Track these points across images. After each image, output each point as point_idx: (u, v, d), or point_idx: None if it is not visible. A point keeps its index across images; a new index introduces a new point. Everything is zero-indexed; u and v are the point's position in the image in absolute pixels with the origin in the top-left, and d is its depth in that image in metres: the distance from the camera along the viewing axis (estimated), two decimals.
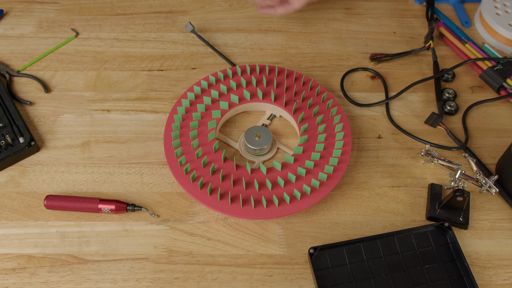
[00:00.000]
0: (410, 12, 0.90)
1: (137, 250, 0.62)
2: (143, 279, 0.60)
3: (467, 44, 0.83)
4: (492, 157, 0.72)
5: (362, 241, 0.61)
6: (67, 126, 0.73)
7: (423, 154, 0.69)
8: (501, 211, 0.66)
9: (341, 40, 0.85)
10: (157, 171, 0.69)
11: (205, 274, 0.60)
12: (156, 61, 0.81)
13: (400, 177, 0.69)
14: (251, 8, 0.89)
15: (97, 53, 0.82)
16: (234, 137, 0.73)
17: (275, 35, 0.86)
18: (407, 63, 0.82)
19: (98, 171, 0.68)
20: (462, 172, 0.64)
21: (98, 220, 0.64)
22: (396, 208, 0.66)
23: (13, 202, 0.66)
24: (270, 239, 0.63)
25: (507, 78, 0.77)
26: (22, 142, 0.69)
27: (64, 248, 0.62)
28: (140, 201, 0.66)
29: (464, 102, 0.77)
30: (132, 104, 0.76)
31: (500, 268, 0.62)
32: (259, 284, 0.60)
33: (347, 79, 0.80)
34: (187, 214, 0.65)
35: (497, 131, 0.74)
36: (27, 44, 0.83)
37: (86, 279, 0.60)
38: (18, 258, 0.61)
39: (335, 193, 0.67)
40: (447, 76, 0.80)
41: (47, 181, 0.67)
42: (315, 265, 0.59)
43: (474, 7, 0.91)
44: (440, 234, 0.62)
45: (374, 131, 0.74)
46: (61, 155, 0.70)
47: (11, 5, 0.88)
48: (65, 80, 0.78)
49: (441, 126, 0.73)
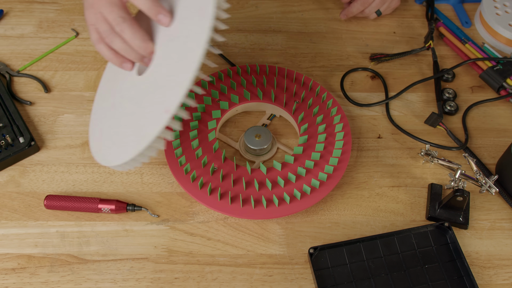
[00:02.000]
0: (410, 12, 0.90)
1: (137, 250, 0.62)
2: (143, 279, 0.60)
3: (467, 44, 0.83)
4: (492, 157, 0.72)
5: (362, 241, 0.61)
6: (67, 126, 0.73)
7: (423, 154, 0.69)
8: (501, 211, 0.66)
9: (341, 40, 0.85)
10: (157, 171, 0.69)
11: (205, 274, 0.60)
12: None
13: (400, 177, 0.69)
14: (251, 8, 0.90)
15: (97, 53, 0.82)
16: (234, 137, 0.73)
17: (275, 35, 0.86)
18: (407, 63, 0.82)
19: (98, 171, 0.68)
20: (462, 172, 0.64)
21: (98, 220, 0.64)
22: (396, 208, 0.66)
23: (13, 202, 0.66)
24: (270, 239, 0.63)
25: (507, 78, 0.77)
26: (22, 142, 0.69)
27: (64, 248, 0.62)
28: (140, 201, 0.66)
29: (464, 102, 0.77)
30: None
31: (500, 268, 0.62)
32: (259, 284, 0.60)
33: (347, 79, 0.80)
34: (187, 214, 0.65)
35: (497, 131, 0.74)
36: (27, 44, 0.83)
37: (86, 279, 0.60)
38: (18, 258, 0.61)
39: (335, 193, 0.67)
40: (447, 76, 0.80)
41: (47, 181, 0.67)
42: (315, 265, 0.59)
43: (474, 7, 0.91)
44: (440, 234, 0.62)
45: (374, 131, 0.74)
46: (61, 155, 0.70)
47: (11, 5, 0.88)
48: (65, 80, 0.78)
49: (441, 126, 0.73)
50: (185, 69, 0.50)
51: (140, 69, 0.59)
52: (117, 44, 0.57)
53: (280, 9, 0.90)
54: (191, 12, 0.52)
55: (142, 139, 0.51)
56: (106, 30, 0.56)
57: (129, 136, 0.54)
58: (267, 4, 0.90)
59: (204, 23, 0.50)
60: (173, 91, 0.50)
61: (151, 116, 0.52)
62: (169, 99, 0.50)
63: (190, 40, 0.51)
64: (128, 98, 0.58)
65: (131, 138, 0.53)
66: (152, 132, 0.51)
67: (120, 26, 0.55)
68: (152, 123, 0.51)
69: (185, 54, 0.51)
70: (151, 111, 0.52)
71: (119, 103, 0.60)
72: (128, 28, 0.55)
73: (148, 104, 0.54)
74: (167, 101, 0.50)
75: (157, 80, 0.54)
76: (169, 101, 0.50)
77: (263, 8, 0.90)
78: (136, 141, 0.52)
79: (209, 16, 0.49)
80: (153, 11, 0.55)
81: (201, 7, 0.51)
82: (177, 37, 0.54)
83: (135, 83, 0.58)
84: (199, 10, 0.51)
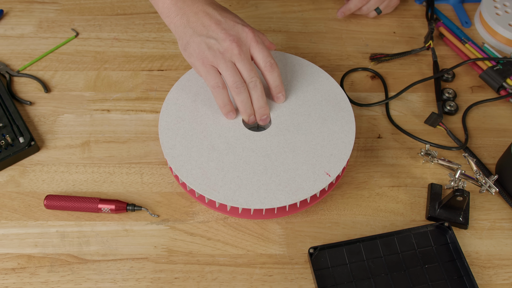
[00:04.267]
0: (410, 12, 0.90)
1: (137, 250, 0.62)
2: (143, 279, 0.60)
3: (467, 44, 0.83)
4: (492, 157, 0.72)
5: (362, 241, 0.61)
6: (67, 126, 0.73)
7: (423, 154, 0.69)
8: (501, 211, 0.66)
9: (341, 40, 0.85)
10: (157, 171, 0.69)
11: (205, 274, 0.60)
12: (156, 61, 0.81)
13: (400, 177, 0.69)
14: (251, 8, 0.90)
15: (97, 53, 0.82)
16: None
17: (275, 35, 0.86)
18: (407, 63, 0.82)
19: (98, 171, 0.68)
20: (462, 172, 0.64)
21: (98, 220, 0.64)
22: (396, 208, 0.66)
23: (13, 202, 0.66)
24: (270, 239, 0.63)
25: (507, 78, 0.77)
26: (22, 142, 0.69)
27: (64, 248, 0.62)
28: (140, 201, 0.66)
29: (464, 102, 0.77)
30: (132, 104, 0.76)
31: (500, 268, 0.62)
32: (259, 284, 0.60)
33: (347, 79, 0.80)
34: (187, 214, 0.65)
35: (497, 131, 0.74)
36: (27, 44, 0.83)
37: (86, 279, 0.60)
38: (18, 258, 0.61)
39: (335, 193, 0.67)
40: (447, 76, 0.80)
41: (47, 181, 0.67)
42: (315, 265, 0.59)
43: (474, 7, 0.91)
44: (440, 234, 0.62)
45: (374, 131, 0.74)
46: (61, 155, 0.70)
47: (11, 5, 0.88)
48: (65, 80, 0.78)
49: (441, 126, 0.73)
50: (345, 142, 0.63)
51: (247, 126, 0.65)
52: (242, 97, 0.62)
53: (280, 9, 0.90)
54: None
55: (296, 192, 0.59)
56: (239, 82, 0.61)
57: (270, 186, 0.59)
58: (267, 4, 0.90)
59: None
60: (337, 159, 0.61)
61: (308, 175, 0.60)
62: (333, 166, 0.61)
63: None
64: (251, 149, 0.62)
65: (279, 188, 0.59)
66: (311, 189, 0.59)
67: (255, 84, 0.61)
68: (311, 181, 0.59)
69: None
70: (307, 171, 0.60)
71: (233, 150, 0.62)
72: (260, 88, 0.62)
73: (302, 164, 0.61)
74: (330, 166, 0.61)
75: (314, 147, 0.62)
76: (333, 167, 0.61)
77: (263, 8, 0.90)
78: (287, 192, 0.59)
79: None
80: (279, 89, 0.64)
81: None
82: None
83: (264, 140, 0.63)
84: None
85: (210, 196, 0.58)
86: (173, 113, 0.65)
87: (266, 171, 0.60)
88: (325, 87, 0.68)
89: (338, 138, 0.63)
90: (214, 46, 0.60)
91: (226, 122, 0.64)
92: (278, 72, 0.63)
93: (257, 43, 0.62)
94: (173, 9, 0.62)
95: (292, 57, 0.72)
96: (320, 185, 0.59)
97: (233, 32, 0.61)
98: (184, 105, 0.66)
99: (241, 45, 0.60)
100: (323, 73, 0.70)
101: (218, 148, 0.62)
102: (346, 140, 0.63)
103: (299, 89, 0.68)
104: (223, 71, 0.61)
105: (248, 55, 0.62)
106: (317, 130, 0.64)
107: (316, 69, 0.70)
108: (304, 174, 0.60)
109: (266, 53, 0.62)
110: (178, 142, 0.62)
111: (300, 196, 0.58)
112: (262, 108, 0.63)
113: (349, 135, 0.63)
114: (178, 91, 0.67)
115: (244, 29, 0.62)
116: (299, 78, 0.69)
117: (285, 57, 0.71)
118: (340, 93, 0.68)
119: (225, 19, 0.62)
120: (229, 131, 0.63)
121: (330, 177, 0.60)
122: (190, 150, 0.62)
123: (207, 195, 0.58)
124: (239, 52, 0.60)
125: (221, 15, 0.62)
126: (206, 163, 0.60)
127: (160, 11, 0.64)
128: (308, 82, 0.69)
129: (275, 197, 0.58)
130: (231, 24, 0.61)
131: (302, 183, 0.59)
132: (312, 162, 0.61)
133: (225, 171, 0.60)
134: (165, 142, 0.62)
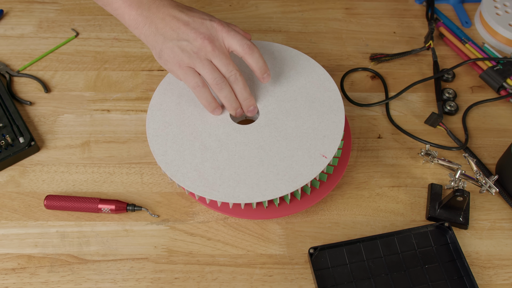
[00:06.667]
0: (410, 12, 0.90)
1: (137, 250, 0.62)
2: (143, 279, 0.60)
3: (467, 44, 0.83)
4: (492, 157, 0.72)
5: (362, 241, 0.61)
6: (67, 126, 0.73)
7: (423, 154, 0.69)
8: (501, 211, 0.66)
9: (341, 40, 0.85)
10: (157, 171, 0.69)
11: (205, 274, 0.60)
12: (156, 61, 0.81)
13: (400, 177, 0.69)
14: (251, 8, 0.90)
15: (97, 53, 0.82)
16: None
17: (275, 35, 0.86)
18: (407, 63, 0.82)
19: (98, 171, 0.68)
20: (462, 172, 0.64)
21: (98, 220, 0.64)
22: (396, 208, 0.66)
23: (13, 202, 0.66)
24: (270, 239, 0.63)
25: (507, 78, 0.77)
26: (22, 142, 0.69)
27: (64, 248, 0.62)
28: (140, 201, 0.66)
29: (464, 102, 0.77)
30: (132, 104, 0.76)
31: (500, 268, 0.62)
32: (259, 284, 0.60)
33: (347, 79, 0.80)
34: (187, 214, 0.65)
35: (497, 131, 0.74)
36: (27, 44, 0.83)
37: (86, 279, 0.60)
38: (18, 258, 0.61)
39: (335, 193, 0.67)
40: (447, 76, 0.80)
41: (47, 181, 0.67)
42: (315, 265, 0.59)
43: (474, 7, 0.91)
44: (440, 234, 0.62)
45: (374, 131, 0.74)
46: (61, 155, 0.70)
47: (11, 5, 0.88)
48: (65, 80, 0.78)
49: (441, 126, 0.73)
50: (335, 124, 0.62)
51: (232, 118, 0.65)
52: (225, 92, 0.61)
53: (280, 9, 0.90)
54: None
55: (296, 179, 0.58)
56: (219, 78, 0.60)
57: (269, 177, 0.59)
58: (267, 4, 0.90)
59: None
60: (330, 139, 0.61)
61: (304, 160, 0.60)
62: (327, 147, 0.60)
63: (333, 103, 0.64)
64: (244, 143, 0.61)
65: (278, 177, 0.58)
66: (310, 173, 0.59)
67: (235, 77, 0.61)
68: (308, 166, 0.59)
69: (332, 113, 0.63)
70: (303, 156, 0.60)
71: (226, 147, 0.61)
72: (241, 80, 0.61)
73: (297, 150, 0.60)
74: (325, 148, 0.60)
75: (306, 132, 0.62)
76: (328, 148, 0.60)
77: (263, 8, 0.90)
78: (286, 181, 0.58)
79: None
80: (263, 69, 0.62)
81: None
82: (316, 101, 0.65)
83: (255, 132, 0.63)
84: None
85: (210, 197, 0.58)
86: (159, 119, 0.64)
87: (263, 163, 0.60)
88: (307, 70, 0.68)
89: (329, 119, 0.63)
90: (187, 47, 0.60)
91: (214, 119, 0.64)
92: (258, 53, 0.61)
93: (228, 31, 0.61)
94: (140, 20, 0.61)
95: (270, 44, 0.71)
96: (318, 169, 0.59)
97: (203, 29, 0.60)
98: (169, 109, 0.65)
99: (213, 41, 0.60)
100: (302, 55, 0.69)
101: (211, 147, 0.61)
102: (337, 119, 0.63)
103: (281, 75, 0.67)
104: (201, 71, 0.60)
105: (223, 49, 0.61)
106: (306, 114, 0.63)
107: (295, 53, 0.70)
108: (300, 160, 0.60)
109: (239, 37, 0.61)
110: (169, 147, 0.61)
111: (300, 182, 0.58)
112: (247, 100, 0.63)
113: (338, 114, 0.63)
114: (161, 96, 0.66)
115: (213, 24, 0.61)
116: (280, 64, 0.68)
117: (262, 45, 0.70)
118: (323, 73, 0.67)
119: (193, 19, 0.61)
120: (218, 128, 0.63)
121: (326, 159, 0.60)
122: (182, 153, 0.61)
123: (207, 196, 0.58)
124: (212, 49, 0.60)
125: (188, 16, 0.61)
126: (201, 164, 0.60)
127: (128, 24, 0.63)
128: (290, 67, 0.68)
129: (276, 187, 0.58)
130: (199, 22, 0.61)
131: (300, 169, 0.59)
132: (306, 147, 0.61)
133: (222, 169, 0.60)
134: (156, 149, 0.61)
